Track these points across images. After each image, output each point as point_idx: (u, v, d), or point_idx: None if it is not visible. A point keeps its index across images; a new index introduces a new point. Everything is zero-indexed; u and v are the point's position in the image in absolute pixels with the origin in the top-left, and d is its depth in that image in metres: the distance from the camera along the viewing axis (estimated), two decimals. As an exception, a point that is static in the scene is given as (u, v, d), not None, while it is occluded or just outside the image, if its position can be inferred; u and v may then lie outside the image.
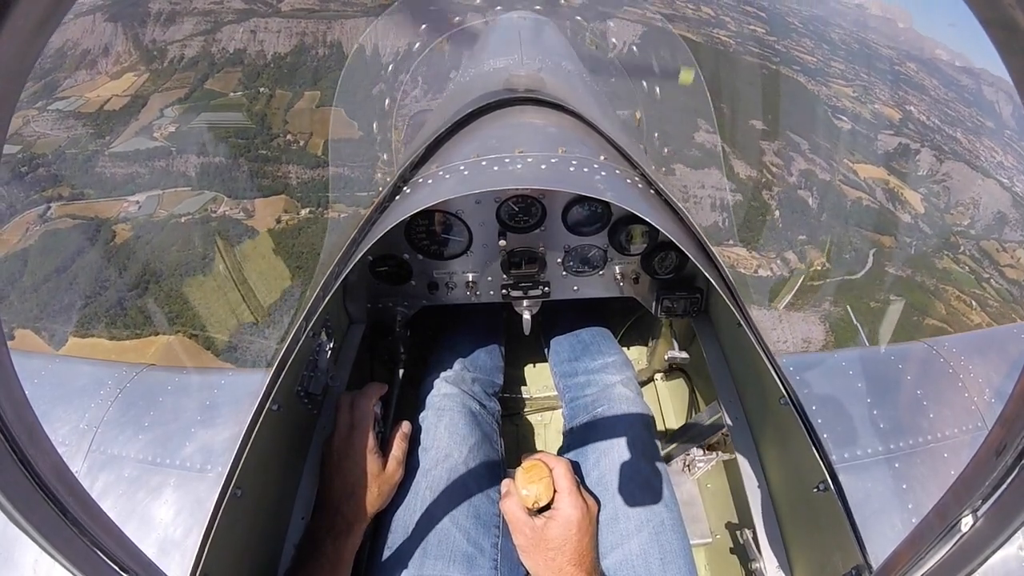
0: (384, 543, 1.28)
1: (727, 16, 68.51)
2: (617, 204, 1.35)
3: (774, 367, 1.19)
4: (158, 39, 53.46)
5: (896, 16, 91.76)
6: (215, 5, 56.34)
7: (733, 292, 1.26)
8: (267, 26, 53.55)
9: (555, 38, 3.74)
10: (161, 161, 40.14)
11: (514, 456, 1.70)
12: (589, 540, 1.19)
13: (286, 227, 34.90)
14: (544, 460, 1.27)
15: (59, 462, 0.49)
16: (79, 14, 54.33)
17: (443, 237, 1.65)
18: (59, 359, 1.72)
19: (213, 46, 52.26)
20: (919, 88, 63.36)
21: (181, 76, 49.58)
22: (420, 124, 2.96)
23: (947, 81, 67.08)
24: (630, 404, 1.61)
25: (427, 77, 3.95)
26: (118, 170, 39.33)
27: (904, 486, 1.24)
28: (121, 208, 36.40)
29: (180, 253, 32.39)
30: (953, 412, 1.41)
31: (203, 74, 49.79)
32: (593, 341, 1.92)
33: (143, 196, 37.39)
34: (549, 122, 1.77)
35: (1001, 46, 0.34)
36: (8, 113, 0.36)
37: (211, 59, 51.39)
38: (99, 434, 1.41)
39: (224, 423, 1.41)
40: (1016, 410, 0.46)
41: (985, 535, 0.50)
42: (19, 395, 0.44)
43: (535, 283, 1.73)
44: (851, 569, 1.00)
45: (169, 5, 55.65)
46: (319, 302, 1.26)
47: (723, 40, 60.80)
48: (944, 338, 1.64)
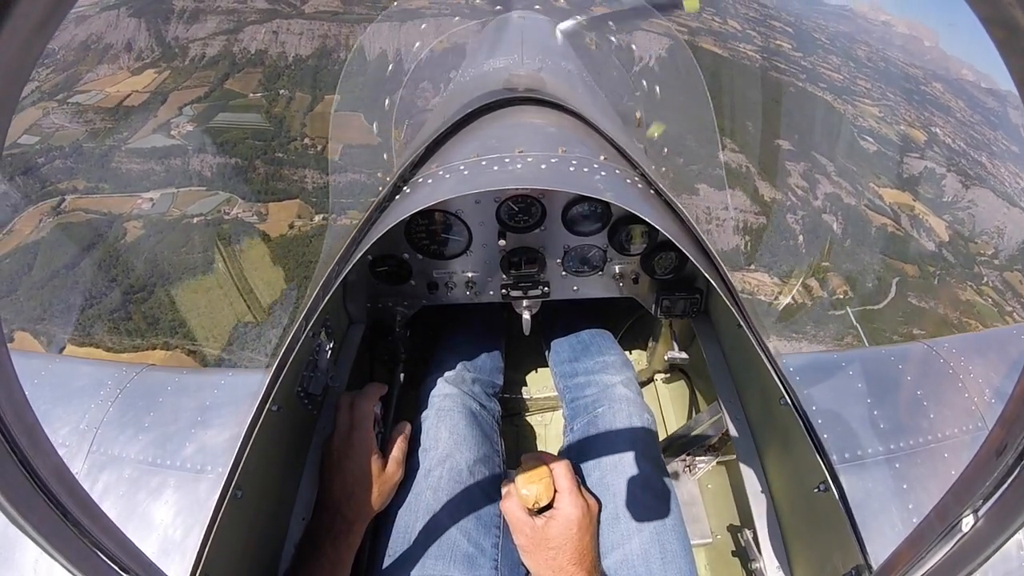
0: (385, 543, 1.28)
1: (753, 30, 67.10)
2: (617, 204, 1.35)
3: (774, 367, 1.19)
4: (180, 36, 53.22)
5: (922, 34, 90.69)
6: (239, 4, 56.08)
7: (733, 292, 1.26)
8: (289, 27, 53.18)
9: (555, 38, 3.73)
10: (177, 159, 39.98)
11: (514, 456, 1.71)
12: (590, 540, 1.19)
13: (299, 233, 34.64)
14: (544, 460, 1.27)
15: (59, 463, 0.49)
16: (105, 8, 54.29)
17: (443, 237, 1.65)
18: (59, 359, 1.72)
19: (235, 46, 52.01)
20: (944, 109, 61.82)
21: (201, 75, 49.35)
22: (420, 124, 2.96)
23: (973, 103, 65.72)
24: (630, 404, 1.61)
25: (427, 77, 3.95)
26: (134, 166, 39.21)
27: (904, 486, 1.24)
28: (134, 205, 36.20)
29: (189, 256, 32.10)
30: (953, 412, 1.40)
31: (223, 73, 49.53)
32: (593, 341, 1.92)
33: (157, 194, 37.19)
34: (549, 122, 1.77)
35: (1001, 46, 0.34)
36: (8, 113, 0.36)
37: (232, 59, 51.14)
38: (99, 435, 1.41)
39: (224, 423, 1.41)
40: (1016, 410, 0.46)
41: (986, 535, 0.50)
42: (19, 396, 0.44)
43: (535, 283, 1.73)
44: (851, 569, 1.00)
45: (193, 3, 55.46)
46: (319, 302, 1.25)
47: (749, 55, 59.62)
48: (944, 339, 1.63)
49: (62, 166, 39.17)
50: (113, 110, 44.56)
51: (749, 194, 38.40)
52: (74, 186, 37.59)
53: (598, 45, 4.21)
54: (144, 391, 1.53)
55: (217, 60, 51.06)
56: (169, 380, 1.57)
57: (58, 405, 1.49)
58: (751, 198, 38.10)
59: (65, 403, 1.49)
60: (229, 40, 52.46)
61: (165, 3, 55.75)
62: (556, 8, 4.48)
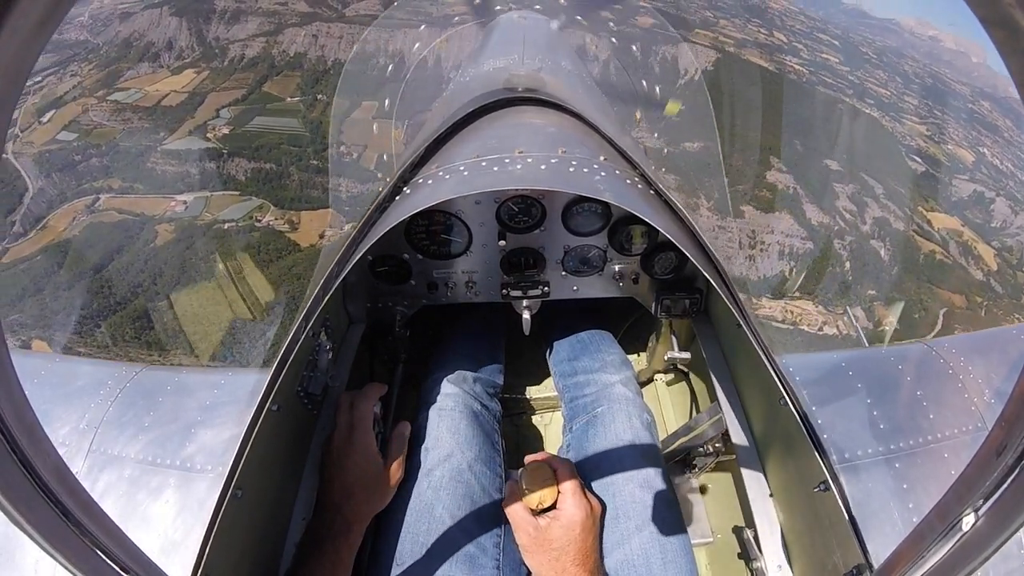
0: (386, 543, 1.28)
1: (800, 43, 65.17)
2: (617, 204, 1.35)
3: (774, 367, 1.19)
4: (221, 36, 52.93)
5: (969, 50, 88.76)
6: (279, 6, 55.67)
7: (733, 292, 1.26)
8: (329, 31, 52.79)
9: (555, 38, 3.73)
10: (212, 162, 39.80)
11: (515, 456, 1.71)
12: (593, 540, 1.19)
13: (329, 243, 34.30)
14: (548, 461, 1.27)
15: (59, 462, 0.49)
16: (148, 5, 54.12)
17: (443, 237, 1.65)
18: (59, 359, 1.72)
19: (274, 48, 51.66)
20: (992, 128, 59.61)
21: (240, 77, 49.07)
22: (420, 124, 2.96)
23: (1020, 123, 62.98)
24: (630, 404, 1.61)
25: (427, 77, 3.95)
26: (169, 168, 39.02)
27: (904, 486, 1.24)
28: (168, 207, 35.99)
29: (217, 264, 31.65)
30: (953, 413, 1.41)
31: (262, 76, 49.21)
32: (593, 341, 1.92)
33: (191, 196, 36.97)
34: (549, 122, 1.77)
35: (1001, 46, 0.34)
36: (8, 113, 0.36)
37: (271, 61, 50.78)
38: (99, 434, 1.41)
39: (224, 423, 1.41)
40: (1016, 410, 0.46)
41: (986, 534, 0.50)
42: (19, 395, 0.44)
43: (535, 283, 1.73)
44: (852, 569, 1.00)
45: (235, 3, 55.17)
46: (319, 302, 1.25)
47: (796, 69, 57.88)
48: (944, 339, 1.64)
49: (99, 164, 39.09)
50: (151, 109, 44.42)
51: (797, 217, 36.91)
52: (109, 185, 37.43)
53: (598, 45, 4.21)
54: (144, 391, 1.53)
55: (256, 62, 50.72)
56: (169, 380, 1.57)
57: (58, 405, 1.49)
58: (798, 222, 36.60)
59: (65, 403, 1.49)
60: (268, 42, 52.15)
61: (207, 3, 55.55)
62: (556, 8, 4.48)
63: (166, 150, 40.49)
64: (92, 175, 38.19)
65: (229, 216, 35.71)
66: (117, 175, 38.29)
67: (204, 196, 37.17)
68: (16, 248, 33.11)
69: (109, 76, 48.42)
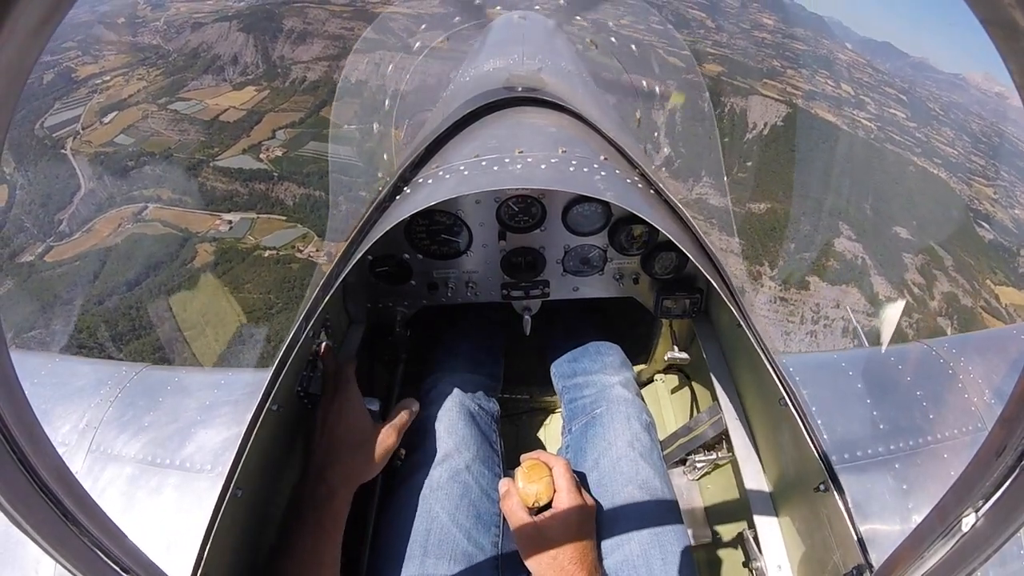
0: (384, 542, 1.28)
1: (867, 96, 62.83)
2: (617, 204, 1.35)
3: (774, 367, 1.19)
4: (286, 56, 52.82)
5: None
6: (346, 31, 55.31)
7: (733, 293, 1.26)
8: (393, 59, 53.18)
9: (555, 38, 3.73)
10: (261, 184, 39.30)
11: (513, 456, 1.70)
12: (589, 539, 1.19)
13: None
14: (544, 459, 1.27)
15: (59, 462, 0.49)
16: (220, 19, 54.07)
17: (443, 237, 1.65)
18: (59, 359, 1.72)
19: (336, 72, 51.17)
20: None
21: (299, 99, 48.83)
22: (420, 124, 2.96)
23: None
24: (629, 405, 1.61)
25: (427, 77, 3.94)
26: (219, 184, 38.65)
27: (904, 486, 1.24)
28: (212, 224, 35.65)
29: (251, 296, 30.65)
30: (953, 413, 1.41)
31: (321, 100, 48.70)
32: (592, 342, 1.92)
33: (237, 217, 36.52)
34: (549, 122, 1.77)
35: (1001, 46, 0.34)
36: (8, 113, 0.35)
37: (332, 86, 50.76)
38: (99, 434, 1.41)
39: (224, 423, 1.41)
40: (1016, 411, 0.46)
41: (986, 535, 0.50)
42: (19, 395, 0.44)
43: (535, 283, 1.73)
44: (852, 569, 1.00)
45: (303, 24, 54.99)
46: (319, 302, 1.26)
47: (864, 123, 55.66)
48: (944, 339, 1.64)
49: (151, 172, 38.82)
50: (208, 123, 44.28)
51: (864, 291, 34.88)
52: (159, 194, 37.11)
53: (598, 45, 4.21)
54: (144, 390, 1.53)
55: (317, 86, 50.41)
56: (169, 379, 1.57)
57: (58, 404, 1.49)
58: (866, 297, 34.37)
59: (65, 402, 1.49)
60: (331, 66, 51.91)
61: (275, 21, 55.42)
62: (556, 8, 4.48)
63: (218, 166, 40.24)
64: (144, 183, 37.95)
65: (272, 243, 35.18)
66: (168, 185, 37.95)
67: (251, 218, 36.67)
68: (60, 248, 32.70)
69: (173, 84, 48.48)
